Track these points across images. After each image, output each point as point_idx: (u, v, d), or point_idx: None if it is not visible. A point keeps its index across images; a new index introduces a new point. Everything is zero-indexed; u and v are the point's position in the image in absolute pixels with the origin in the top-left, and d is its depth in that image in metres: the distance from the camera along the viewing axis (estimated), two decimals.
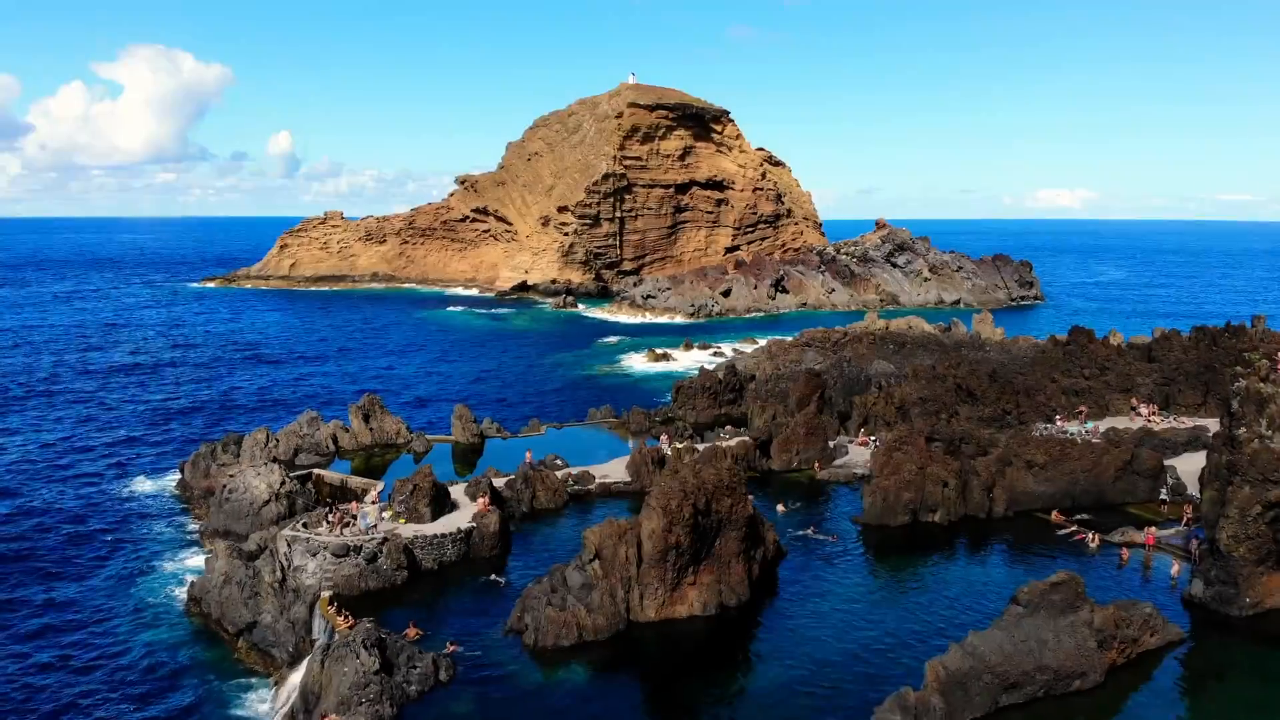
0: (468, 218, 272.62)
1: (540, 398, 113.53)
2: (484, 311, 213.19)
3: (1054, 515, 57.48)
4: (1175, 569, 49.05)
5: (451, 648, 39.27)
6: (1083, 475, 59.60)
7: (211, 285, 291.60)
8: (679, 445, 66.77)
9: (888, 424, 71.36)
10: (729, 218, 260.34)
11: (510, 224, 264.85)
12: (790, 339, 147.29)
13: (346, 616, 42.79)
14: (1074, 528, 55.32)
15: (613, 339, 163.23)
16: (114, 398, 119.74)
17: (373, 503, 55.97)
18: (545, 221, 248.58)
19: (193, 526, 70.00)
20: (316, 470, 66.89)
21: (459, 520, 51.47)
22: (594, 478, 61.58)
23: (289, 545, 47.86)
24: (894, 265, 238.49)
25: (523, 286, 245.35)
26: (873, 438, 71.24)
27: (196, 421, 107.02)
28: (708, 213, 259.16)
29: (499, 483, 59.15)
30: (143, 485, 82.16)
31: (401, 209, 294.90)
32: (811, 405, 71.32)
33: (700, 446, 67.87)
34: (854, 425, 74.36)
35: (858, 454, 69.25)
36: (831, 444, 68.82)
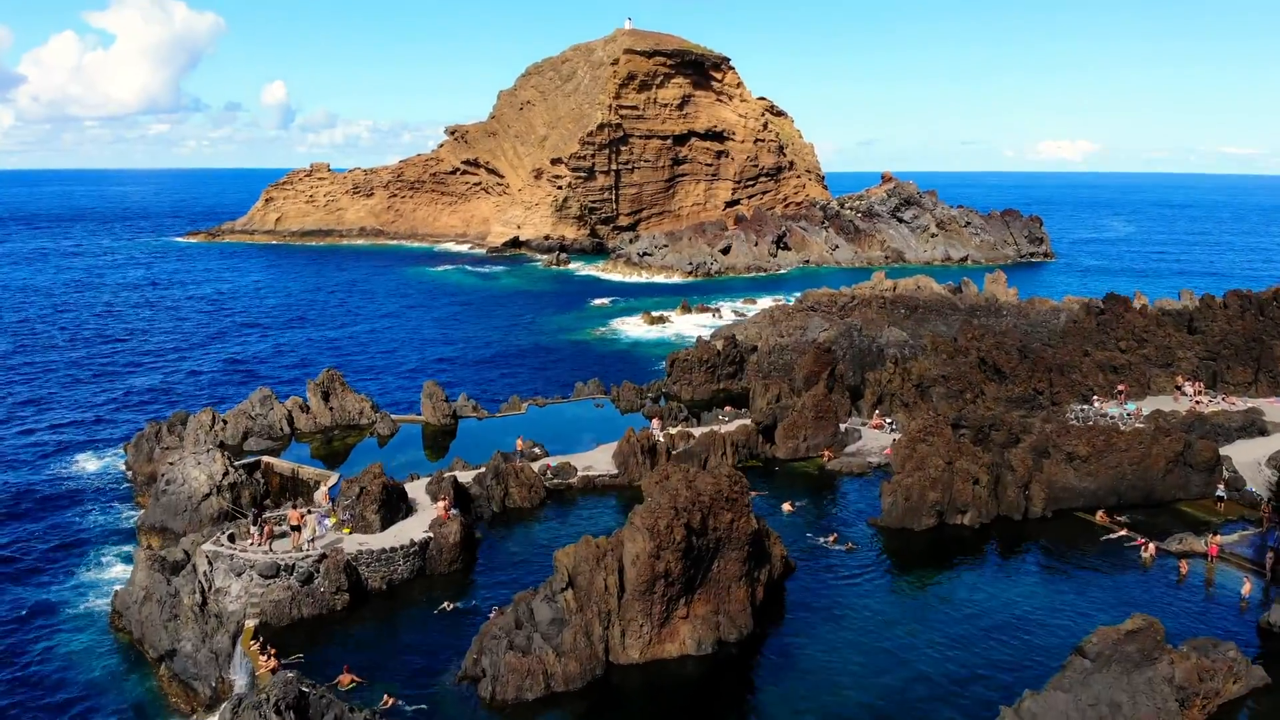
0: (458, 170, 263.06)
1: (525, 367, 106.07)
2: (474, 270, 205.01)
3: (1099, 516, 50.48)
4: (1246, 587, 42.06)
5: (388, 702, 32.31)
6: (1130, 469, 52.49)
7: (195, 240, 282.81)
8: (672, 431, 59.54)
9: (905, 405, 64.07)
10: (729, 170, 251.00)
11: (502, 176, 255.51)
12: (793, 302, 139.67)
13: (270, 655, 35.82)
14: (1123, 531, 48.31)
15: (605, 301, 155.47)
16: (73, 364, 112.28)
17: (310, 511, 48.02)
18: (538, 174, 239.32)
19: (134, 517, 63.07)
20: (266, 458, 59.68)
21: (414, 529, 44.29)
22: (575, 469, 54.39)
23: (210, 562, 40.75)
24: (900, 221, 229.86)
25: (515, 242, 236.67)
26: (888, 420, 64.01)
27: (159, 392, 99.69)
28: (707, 165, 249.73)
29: (466, 477, 51.97)
30: (88, 464, 75.09)
31: (395, 161, 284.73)
32: (820, 384, 63.92)
33: (696, 431, 60.65)
34: (866, 405, 67.07)
35: (871, 439, 62.06)
36: (843, 427, 61.55)
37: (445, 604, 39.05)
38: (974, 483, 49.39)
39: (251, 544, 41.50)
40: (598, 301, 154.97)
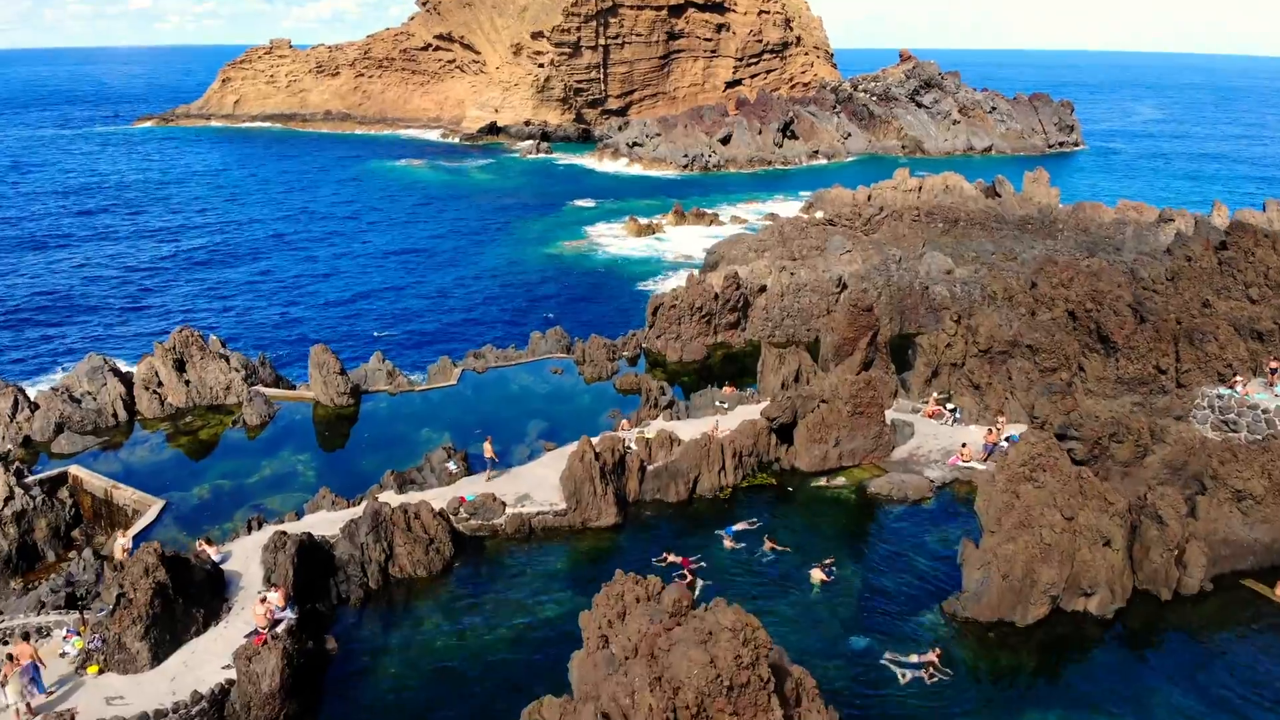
0: (430, 46, 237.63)
1: (476, 300, 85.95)
2: (443, 163, 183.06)
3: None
4: None
5: None
6: None
7: (147, 125, 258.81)
8: (648, 433, 41.99)
9: (974, 386, 46.35)
10: (729, 46, 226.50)
11: (478, 53, 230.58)
12: (805, 211, 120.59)
13: None
14: None
15: (588, 202, 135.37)
16: None
17: (47, 634, 29.85)
18: (517, 50, 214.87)
19: None
20: (75, 469, 42.26)
21: (213, 659, 27.13)
22: (503, 505, 37.00)
23: None
24: (919, 105, 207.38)
25: (492, 129, 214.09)
26: (949, 406, 46.40)
27: (43, 330, 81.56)
28: (705, 40, 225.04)
29: (332, 521, 34.67)
30: None
31: (364, 37, 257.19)
32: (857, 355, 46.11)
33: (683, 429, 43.16)
34: (916, 381, 49.31)
35: (928, 434, 44.54)
36: (889, 417, 43.90)
37: None
38: (1104, 544, 32.24)
39: None
40: (578, 203, 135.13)
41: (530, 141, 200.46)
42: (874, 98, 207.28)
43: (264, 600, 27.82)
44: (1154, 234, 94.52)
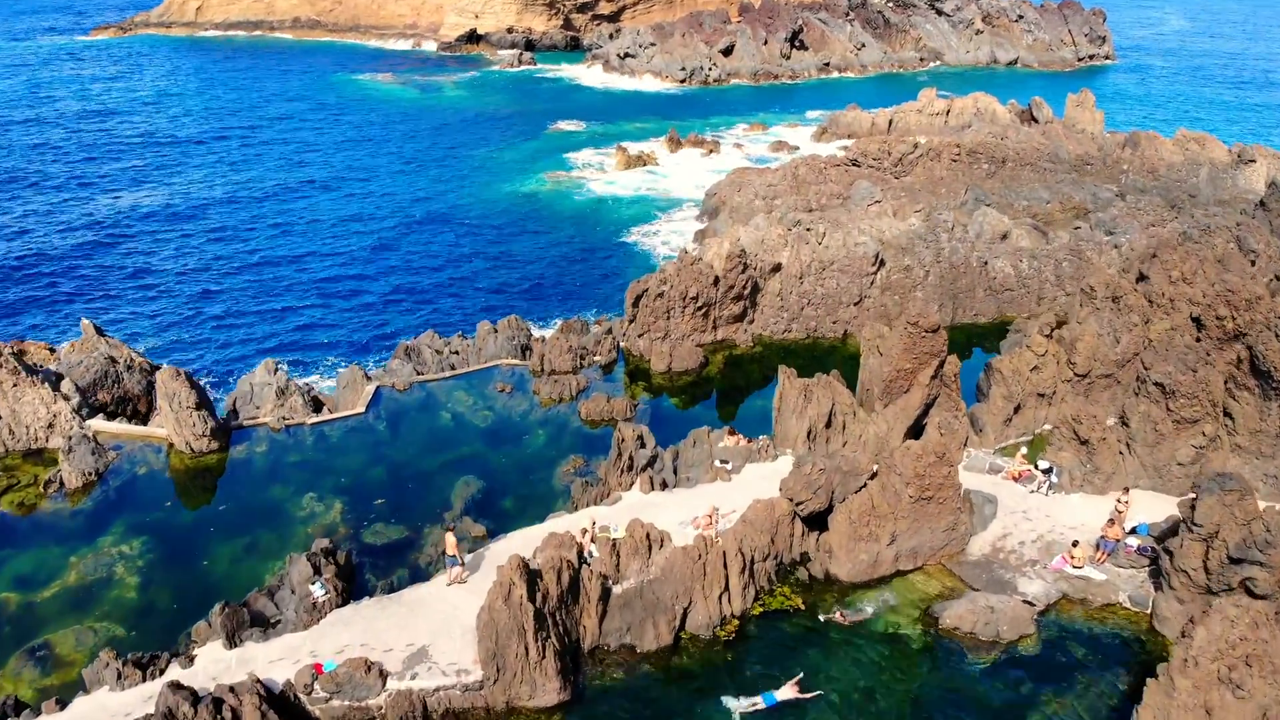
0: None
1: (423, 267, 69.15)
2: (416, 78, 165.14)
3: None
4: None
5: None
6: None
7: (104, 37, 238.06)
8: (612, 533, 28.91)
9: (1081, 441, 32.90)
10: None
11: None
12: (819, 139, 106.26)
13: None
14: None
15: (574, 125, 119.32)
16: None
17: None
18: None
19: None
20: None
21: None
22: (382, 676, 24.06)
23: None
24: (939, 13, 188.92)
25: (472, 37, 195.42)
26: (1043, 466, 33.07)
27: None
28: None
29: (112, 714, 21.90)
30: None
31: None
32: (915, 394, 32.74)
33: (667, 510, 30.06)
34: (992, 419, 35.86)
35: (1014, 511, 31.34)
36: (960, 479, 30.63)
37: None
38: None
39: None
40: (562, 125, 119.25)
41: (513, 51, 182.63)
42: (890, 4, 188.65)
43: None
44: (1232, 177, 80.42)
